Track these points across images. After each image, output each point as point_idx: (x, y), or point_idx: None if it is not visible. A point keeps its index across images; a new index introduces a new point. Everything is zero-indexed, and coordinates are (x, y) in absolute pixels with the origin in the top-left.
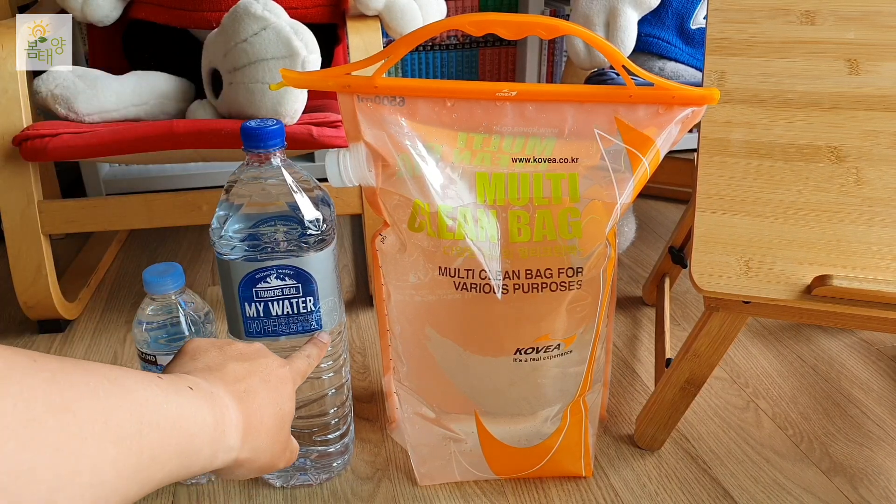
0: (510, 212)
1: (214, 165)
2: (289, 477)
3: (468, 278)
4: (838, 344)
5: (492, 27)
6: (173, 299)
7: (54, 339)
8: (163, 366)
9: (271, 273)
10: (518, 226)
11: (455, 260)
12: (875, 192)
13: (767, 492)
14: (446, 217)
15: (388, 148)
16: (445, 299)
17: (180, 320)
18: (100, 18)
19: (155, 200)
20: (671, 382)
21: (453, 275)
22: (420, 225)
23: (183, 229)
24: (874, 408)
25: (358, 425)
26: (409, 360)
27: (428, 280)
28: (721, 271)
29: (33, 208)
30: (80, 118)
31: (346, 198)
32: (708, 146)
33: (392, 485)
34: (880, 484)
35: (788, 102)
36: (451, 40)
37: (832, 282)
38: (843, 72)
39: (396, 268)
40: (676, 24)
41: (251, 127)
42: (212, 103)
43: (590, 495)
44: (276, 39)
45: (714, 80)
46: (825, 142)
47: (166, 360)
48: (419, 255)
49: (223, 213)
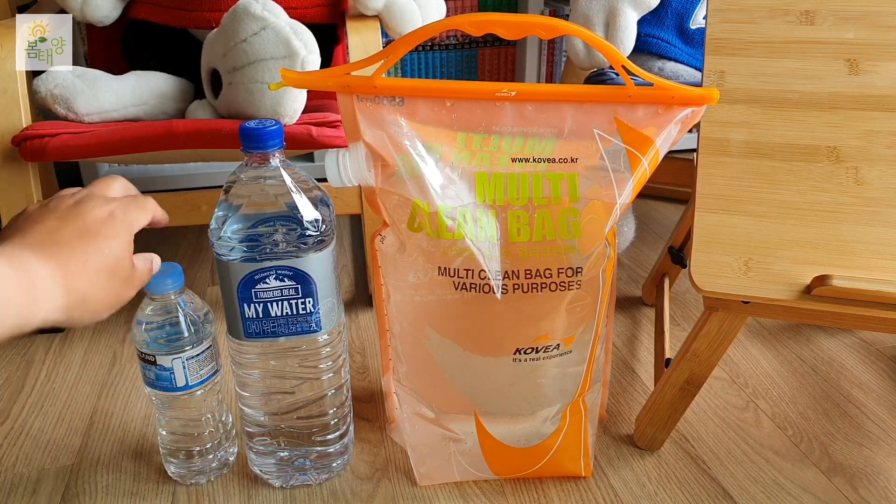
0: (509, 212)
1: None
2: (288, 477)
3: (468, 278)
4: (838, 344)
5: (491, 27)
6: (173, 299)
7: (53, 338)
8: (162, 366)
9: (270, 274)
10: (517, 226)
11: (454, 260)
12: (874, 192)
13: (767, 492)
14: (446, 217)
15: (387, 148)
16: (445, 299)
17: (180, 320)
18: (99, 18)
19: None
20: (671, 382)
21: (453, 275)
22: (419, 225)
23: (182, 229)
24: (874, 408)
25: (357, 425)
26: (408, 360)
27: (427, 280)
28: (720, 271)
29: None
30: (80, 118)
31: (346, 198)
32: (707, 146)
33: (391, 485)
34: (880, 484)
35: (788, 102)
36: (450, 40)
37: (832, 282)
38: (843, 72)
39: (396, 268)
40: (676, 24)
41: (250, 127)
42: (211, 103)
43: (589, 495)
44: (275, 39)
45: (713, 80)
46: (825, 142)
47: (166, 360)
48: (419, 254)
49: (222, 213)
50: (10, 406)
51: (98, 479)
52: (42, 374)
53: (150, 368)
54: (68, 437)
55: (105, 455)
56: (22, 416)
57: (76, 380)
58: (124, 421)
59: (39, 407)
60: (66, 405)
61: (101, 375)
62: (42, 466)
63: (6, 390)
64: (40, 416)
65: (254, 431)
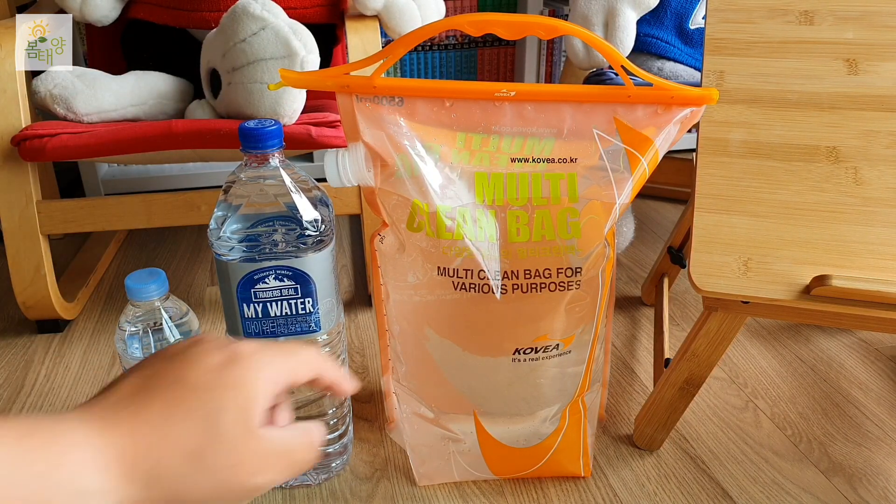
0: (509, 212)
1: (213, 165)
2: None
3: (467, 278)
4: (837, 344)
5: (491, 27)
6: (156, 306)
7: (53, 339)
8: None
9: (270, 274)
10: (517, 226)
11: (454, 260)
12: (874, 192)
13: (766, 492)
14: (445, 217)
15: (386, 148)
16: (444, 299)
17: (164, 327)
18: (98, 18)
19: (153, 200)
20: (670, 382)
21: (452, 275)
22: (419, 225)
23: (182, 229)
24: (873, 408)
25: (356, 425)
26: (407, 361)
27: (427, 280)
28: (720, 271)
29: (32, 208)
30: (79, 118)
31: (345, 198)
32: (707, 146)
33: (391, 485)
34: (879, 484)
35: (787, 102)
36: (449, 40)
37: (831, 282)
38: (842, 72)
39: (395, 268)
40: (675, 24)
41: (249, 127)
42: (210, 103)
43: (588, 495)
44: (274, 39)
45: (713, 80)
46: (824, 142)
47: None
48: (418, 255)
49: (221, 213)
50: (10, 406)
51: None
52: (42, 374)
53: None
54: None
55: None
56: None
57: (76, 380)
58: None
59: (39, 407)
60: (66, 405)
61: (100, 375)
62: None
63: (6, 390)
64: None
65: None
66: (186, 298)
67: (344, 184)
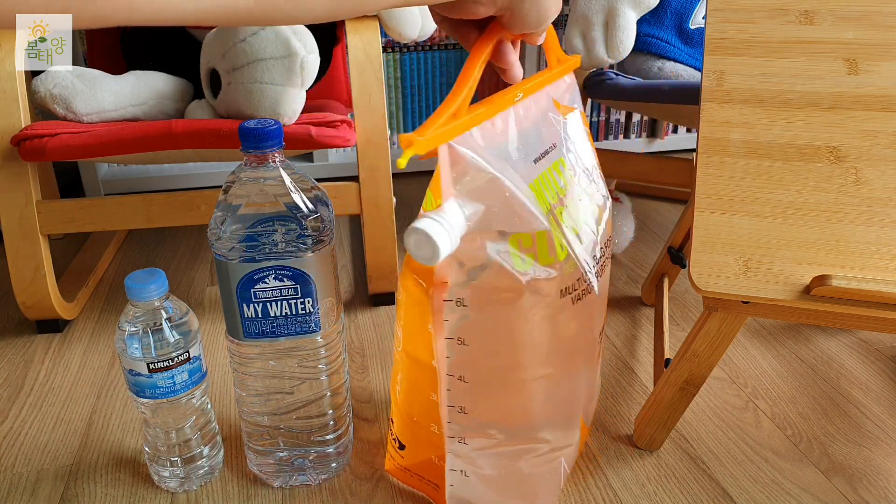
0: (557, 209)
1: (213, 165)
2: (287, 477)
3: (579, 286)
4: (837, 344)
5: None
6: (157, 306)
7: (52, 339)
8: (146, 374)
9: (269, 274)
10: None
11: (569, 278)
12: (874, 192)
13: (766, 492)
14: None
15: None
16: (559, 317)
17: (163, 327)
18: None
19: (153, 200)
20: (670, 382)
21: (572, 291)
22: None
23: (181, 229)
24: (873, 408)
25: (356, 425)
26: (492, 397)
27: (552, 309)
28: (720, 271)
29: (31, 208)
30: (79, 118)
31: (345, 198)
32: (707, 146)
33: (390, 484)
34: (879, 484)
35: (788, 102)
36: (450, 40)
37: (831, 282)
38: (842, 72)
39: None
40: (675, 23)
41: (249, 127)
42: (210, 103)
43: (588, 495)
44: (274, 39)
45: (713, 79)
46: (824, 142)
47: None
48: (544, 286)
49: (221, 213)
50: (10, 406)
51: (97, 480)
52: (41, 374)
53: (134, 376)
54: (67, 438)
55: (104, 456)
56: (21, 417)
57: (75, 380)
58: (123, 421)
59: (38, 407)
60: (65, 405)
61: (100, 376)
62: (41, 467)
63: (5, 390)
64: (39, 416)
65: (253, 431)
66: (186, 298)
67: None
